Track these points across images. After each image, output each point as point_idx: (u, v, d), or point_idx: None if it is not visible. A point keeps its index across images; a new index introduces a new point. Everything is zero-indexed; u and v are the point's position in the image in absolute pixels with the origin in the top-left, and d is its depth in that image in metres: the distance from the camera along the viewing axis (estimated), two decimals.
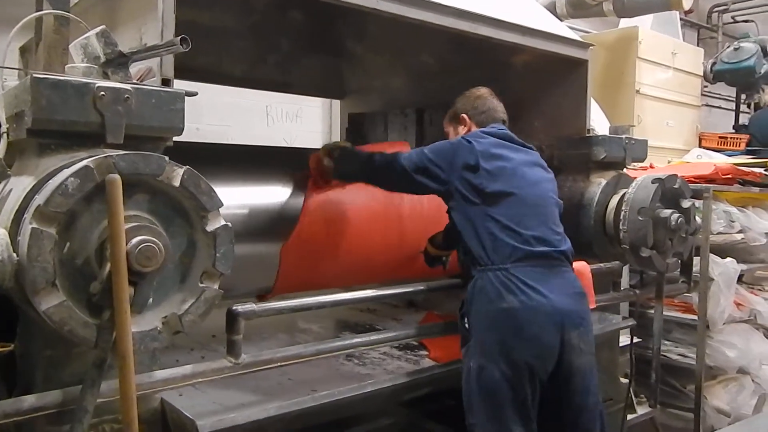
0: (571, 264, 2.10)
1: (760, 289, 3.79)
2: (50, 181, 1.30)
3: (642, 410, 3.24)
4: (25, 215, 1.29)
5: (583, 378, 1.99)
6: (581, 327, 1.99)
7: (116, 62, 1.52)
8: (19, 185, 1.42)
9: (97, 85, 1.39)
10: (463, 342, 2.02)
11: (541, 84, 2.52)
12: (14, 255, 1.27)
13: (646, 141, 2.93)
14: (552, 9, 4.75)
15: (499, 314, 1.92)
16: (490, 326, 1.93)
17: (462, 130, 2.27)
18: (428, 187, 2.10)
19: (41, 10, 1.94)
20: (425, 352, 2.36)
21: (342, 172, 2.29)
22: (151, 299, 1.38)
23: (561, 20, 4.44)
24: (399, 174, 2.11)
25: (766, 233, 3.51)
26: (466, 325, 2.00)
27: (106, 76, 1.51)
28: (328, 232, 2.40)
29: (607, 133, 2.86)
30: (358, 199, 2.47)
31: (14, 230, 1.31)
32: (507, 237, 1.97)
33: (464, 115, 2.28)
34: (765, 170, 3.68)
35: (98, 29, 1.54)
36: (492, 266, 1.96)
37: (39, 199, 1.26)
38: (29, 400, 1.38)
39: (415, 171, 2.08)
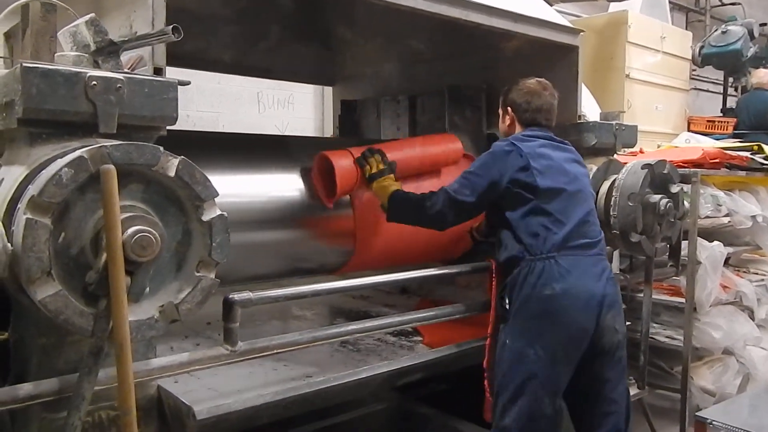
0: (605, 252, 2.26)
1: (745, 272, 3.84)
2: (43, 171, 1.29)
3: (631, 391, 3.29)
4: (18, 205, 1.28)
5: (615, 355, 2.18)
6: (614, 308, 2.17)
7: (107, 51, 1.51)
8: (11, 175, 1.41)
9: (88, 74, 1.38)
10: (499, 319, 2.19)
11: (532, 70, 2.51)
12: (9, 245, 1.27)
13: (635, 127, 2.95)
14: None
15: (544, 300, 2.07)
16: (534, 310, 2.08)
17: (507, 120, 2.38)
18: (489, 198, 2.19)
19: None
20: (419, 338, 2.39)
21: (396, 218, 2.32)
22: (147, 288, 1.38)
23: (551, 4, 4.43)
24: (460, 208, 2.18)
25: (752, 216, 3.56)
26: (506, 306, 2.14)
27: (96, 65, 1.50)
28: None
29: (597, 119, 2.88)
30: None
31: (7, 220, 1.31)
32: (557, 229, 2.12)
33: (509, 108, 2.36)
34: (751, 154, 3.71)
35: (87, 17, 1.53)
36: (541, 255, 2.09)
37: (32, 189, 1.26)
38: (26, 388, 1.38)
39: (478, 197, 2.17)
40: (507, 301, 2.14)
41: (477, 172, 2.20)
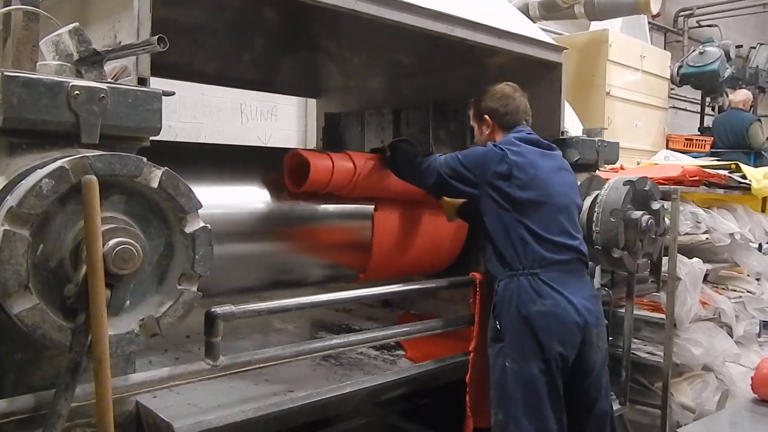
0: (587, 267, 2.27)
1: (724, 288, 3.89)
2: (23, 181, 1.26)
3: (613, 407, 3.30)
4: None
5: (599, 373, 2.19)
6: (599, 326, 2.18)
7: (90, 60, 1.49)
8: None
9: (71, 84, 1.36)
10: (493, 341, 2.14)
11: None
12: None
13: (617, 143, 2.99)
14: (525, 11, 4.82)
15: (533, 316, 2.05)
16: (525, 328, 2.06)
17: (485, 129, 2.35)
18: (461, 191, 2.21)
19: (9, 4, 1.88)
20: (402, 352, 2.37)
21: (392, 166, 2.41)
22: (127, 302, 1.35)
23: (533, 22, 4.51)
24: (436, 179, 2.22)
25: (730, 234, 3.61)
26: (498, 327, 2.11)
27: (79, 75, 1.48)
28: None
29: (580, 135, 2.91)
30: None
31: None
32: (537, 244, 2.10)
33: (487, 117, 2.34)
34: (729, 172, 3.78)
35: (71, 26, 1.51)
36: (523, 271, 2.08)
37: (11, 201, 1.23)
38: (0, 405, 1.34)
39: (450, 176, 2.19)
40: (497, 322, 2.12)
41: (463, 161, 2.20)
